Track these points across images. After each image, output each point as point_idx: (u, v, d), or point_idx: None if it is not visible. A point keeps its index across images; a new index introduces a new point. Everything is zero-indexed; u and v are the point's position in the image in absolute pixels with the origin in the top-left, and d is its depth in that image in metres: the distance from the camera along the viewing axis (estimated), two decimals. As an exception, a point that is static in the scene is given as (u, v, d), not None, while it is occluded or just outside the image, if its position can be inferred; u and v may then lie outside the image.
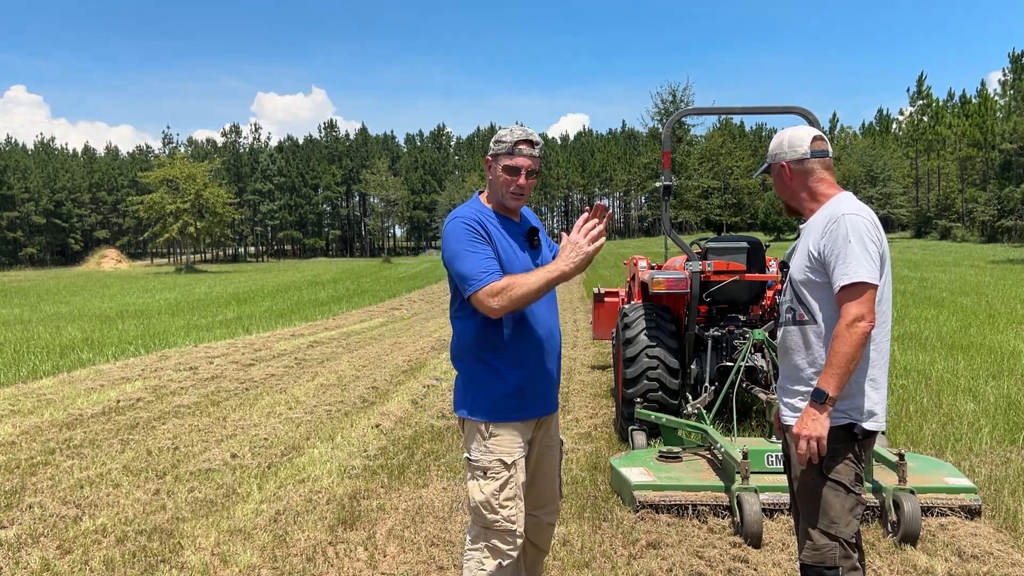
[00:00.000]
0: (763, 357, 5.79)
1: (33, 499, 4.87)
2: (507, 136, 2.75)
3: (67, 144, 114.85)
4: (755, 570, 3.73)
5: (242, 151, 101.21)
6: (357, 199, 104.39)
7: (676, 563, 3.78)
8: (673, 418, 5.39)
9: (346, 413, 7.36)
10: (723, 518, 4.33)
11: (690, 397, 5.62)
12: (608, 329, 8.76)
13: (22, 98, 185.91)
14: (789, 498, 2.94)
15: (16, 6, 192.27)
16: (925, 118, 71.33)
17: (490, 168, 2.79)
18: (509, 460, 2.72)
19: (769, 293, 6.39)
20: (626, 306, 6.51)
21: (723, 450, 4.62)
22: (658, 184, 6.28)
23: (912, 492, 4.08)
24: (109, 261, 68.39)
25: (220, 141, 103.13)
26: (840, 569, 2.54)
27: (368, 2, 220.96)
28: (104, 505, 4.77)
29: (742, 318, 6.29)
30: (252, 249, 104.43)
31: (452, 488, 5.00)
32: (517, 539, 2.74)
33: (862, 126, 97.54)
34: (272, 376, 9.53)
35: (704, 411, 5.41)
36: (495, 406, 2.73)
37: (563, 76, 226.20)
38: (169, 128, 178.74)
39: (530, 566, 3.05)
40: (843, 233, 2.48)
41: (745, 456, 4.25)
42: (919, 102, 71.27)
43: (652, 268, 7.20)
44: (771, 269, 6.30)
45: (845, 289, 2.45)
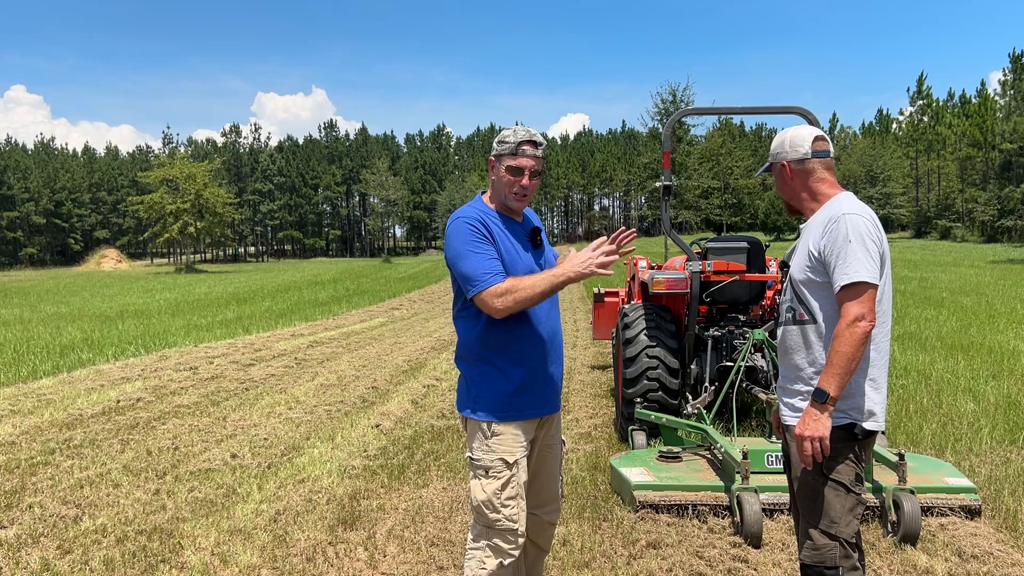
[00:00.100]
0: (763, 357, 5.79)
1: (33, 499, 4.87)
2: (510, 137, 2.75)
3: (67, 144, 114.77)
4: (755, 570, 3.73)
5: (242, 151, 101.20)
6: (357, 199, 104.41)
7: (676, 563, 3.78)
8: (673, 418, 5.40)
9: (346, 413, 7.36)
10: (723, 518, 4.33)
11: (690, 397, 5.62)
12: (608, 329, 8.76)
13: (22, 98, 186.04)
14: (789, 498, 2.94)
15: (16, 6, 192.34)
16: (925, 118, 71.35)
17: (493, 168, 2.80)
18: (511, 459, 2.73)
19: (769, 293, 6.39)
20: (626, 306, 6.51)
21: (723, 450, 4.62)
22: (658, 184, 6.28)
23: (912, 492, 4.09)
24: (109, 261, 68.37)
25: (220, 141, 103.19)
26: (840, 569, 2.54)
27: (368, 2, 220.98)
28: (104, 505, 4.77)
29: (742, 318, 6.29)
30: (252, 249, 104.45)
31: (452, 488, 5.00)
32: (519, 538, 2.74)
33: (862, 126, 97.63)
34: (272, 376, 9.54)
35: (704, 411, 5.41)
36: (498, 405, 2.74)
37: (563, 76, 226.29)
38: (169, 128, 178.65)
39: (530, 566, 3.05)
40: (843, 233, 2.48)
41: (745, 456, 4.26)
42: (919, 102, 71.30)
43: (652, 268, 7.21)
44: (771, 269, 6.30)
45: (845, 289, 2.46)
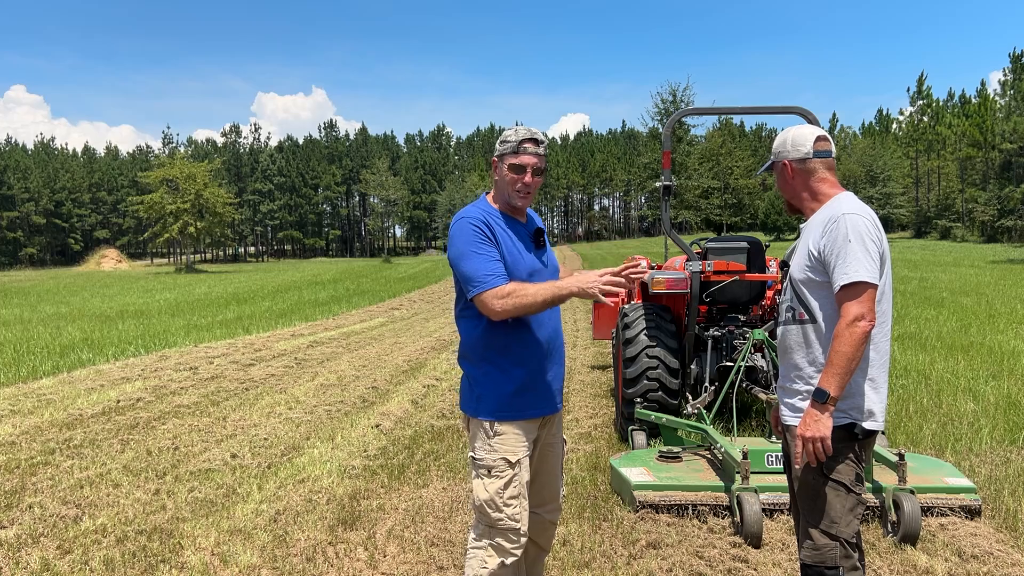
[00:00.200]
0: (763, 357, 5.79)
1: (33, 499, 4.87)
2: (512, 136, 2.77)
3: (67, 144, 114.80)
4: (755, 570, 3.73)
5: (242, 151, 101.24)
6: (357, 199, 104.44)
7: (676, 563, 3.78)
8: (673, 418, 5.39)
9: (346, 413, 7.36)
10: (723, 518, 4.33)
11: (690, 397, 5.62)
12: (608, 329, 8.76)
13: (22, 98, 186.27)
14: (789, 498, 2.94)
15: (16, 6, 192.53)
16: (925, 118, 71.33)
17: (496, 168, 2.81)
18: (513, 459, 2.73)
19: (769, 293, 6.39)
20: (626, 306, 6.51)
21: (723, 450, 4.62)
22: (658, 184, 6.28)
23: (912, 492, 4.08)
24: (109, 261, 68.34)
25: (220, 141, 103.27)
26: (840, 569, 2.54)
27: (368, 2, 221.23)
28: (104, 505, 4.77)
29: (742, 318, 6.29)
30: (252, 249, 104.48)
31: (452, 488, 5.00)
32: (521, 538, 2.74)
33: (862, 126, 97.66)
34: (272, 376, 9.54)
35: (704, 411, 5.41)
36: (500, 405, 2.74)
37: (563, 76, 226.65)
38: (169, 128, 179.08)
39: (531, 565, 3.05)
40: (843, 232, 2.48)
41: (745, 456, 4.25)
42: (919, 102, 71.28)
43: (652, 268, 7.20)
44: (771, 269, 6.30)
45: (845, 288, 2.45)
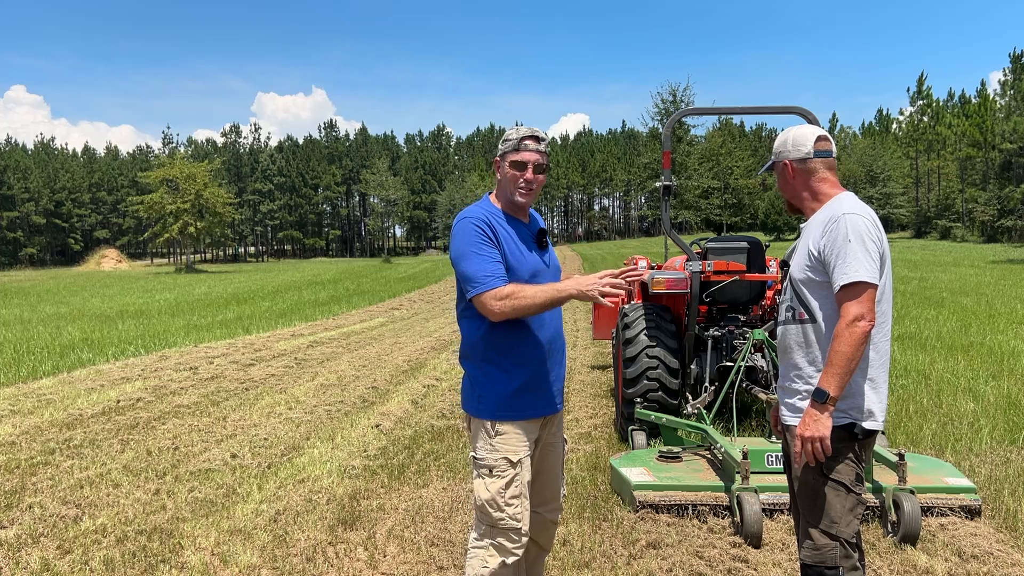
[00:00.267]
0: (763, 357, 5.79)
1: (33, 499, 4.87)
2: (513, 134, 2.79)
3: (67, 144, 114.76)
4: (755, 570, 3.73)
5: (242, 151, 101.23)
6: (357, 199, 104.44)
7: (676, 563, 3.78)
8: (673, 418, 5.40)
9: (346, 413, 7.36)
10: (723, 518, 4.33)
11: (690, 397, 5.62)
12: (608, 329, 8.76)
13: (22, 98, 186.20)
14: (789, 498, 2.94)
15: (16, 6, 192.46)
16: (925, 118, 71.32)
17: (498, 167, 2.82)
18: (515, 458, 2.73)
19: (769, 293, 6.39)
20: (626, 306, 6.51)
21: (723, 450, 4.62)
22: (658, 184, 6.29)
23: (912, 492, 4.08)
24: (109, 261, 68.31)
25: (220, 141, 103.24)
26: (840, 569, 2.54)
27: (368, 2, 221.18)
28: (104, 505, 4.77)
29: (742, 318, 6.29)
30: (252, 249, 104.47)
31: (452, 488, 5.00)
32: (523, 537, 2.75)
33: (862, 126, 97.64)
34: (272, 376, 9.54)
35: (704, 411, 5.41)
36: (501, 405, 2.75)
37: (563, 76, 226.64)
38: (169, 128, 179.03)
39: (531, 565, 3.05)
40: (843, 232, 2.48)
41: (745, 456, 4.25)
42: (919, 102, 71.27)
43: (652, 268, 7.20)
44: (771, 269, 6.30)
45: (845, 288, 2.45)
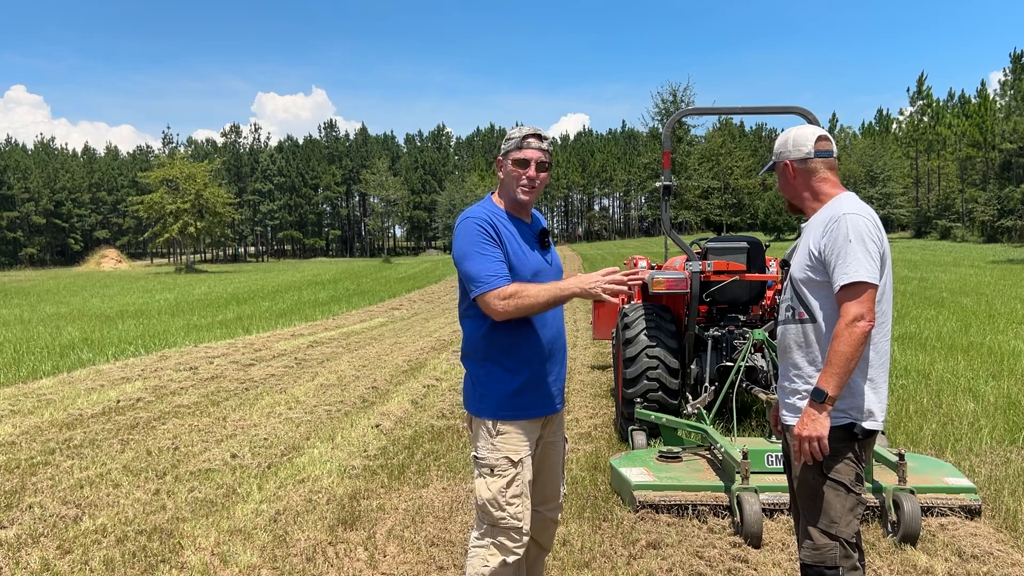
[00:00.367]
0: (763, 357, 5.79)
1: (33, 499, 4.87)
2: (516, 133, 2.80)
3: (67, 144, 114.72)
4: (755, 570, 3.73)
5: (242, 151, 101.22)
6: (357, 199, 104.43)
7: (676, 563, 3.78)
8: (673, 418, 5.39)
9: (346, 413, 7.36)
10: (723, 518, 4.33)
11: (690, 397, 5.62)
12: (608, 329, 8.77)
13: (22, 98, 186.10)
14: (789, 498, 2.94)
15: (16, 6, 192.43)
16: (925, 118, 71.30)
17: (501, 167, 2.82)
18: (516, 458, 2.74)
19: (769, 293, 6.39)
20: (626, 306, 6.51)
21: (723, 450, 4.62)
22: (658, 184, 6.29)
23: (912, 492, 4.08)
24: (109, 261, 68.30)
25: (220, 141, 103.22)
26: (840, 569, 2.54)
27: (368, 2, 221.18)
28: (104, 505, 4.77)
29: (742, 318, 6.29)
30: (252, 249, 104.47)
31: (452, 488, 5.00)
32: (524, 536, 2.75)
33: (862, 126, 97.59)
34: (272, 376, 9.54)
35: (704, 411, 5.41)
36: (503, 404, 2.75)
37: (563, 76, 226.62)
38: (169, 128, 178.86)
39: (531, 565, 3.05)
40: (843, 232, 2.48)
41: (745, 456, 4.25)
42: (919, 102, 71.25)
43: (652, 268, 7.21)
44: (771, 269, 6.30)
45: (845, 288, 2.46)
